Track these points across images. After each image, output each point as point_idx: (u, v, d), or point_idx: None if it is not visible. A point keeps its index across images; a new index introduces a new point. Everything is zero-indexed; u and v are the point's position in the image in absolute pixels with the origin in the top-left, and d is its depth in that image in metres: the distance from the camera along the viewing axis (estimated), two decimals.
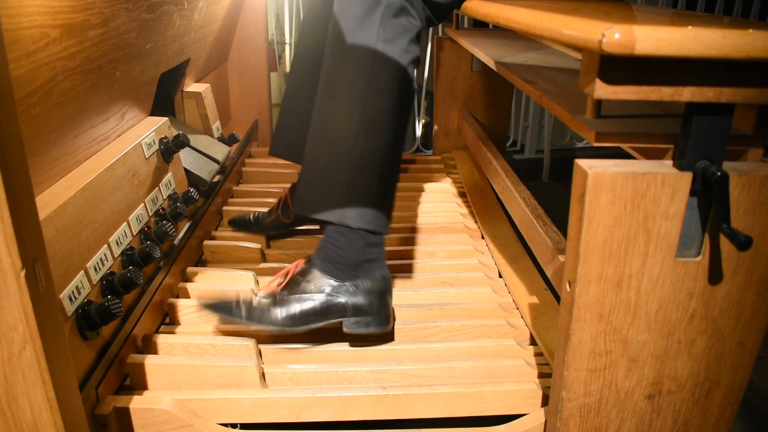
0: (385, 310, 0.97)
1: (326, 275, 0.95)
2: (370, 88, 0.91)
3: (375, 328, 0.97)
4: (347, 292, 0.95)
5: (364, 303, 0.95)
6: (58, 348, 0.57)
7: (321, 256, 0.96)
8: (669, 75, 0.59)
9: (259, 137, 2.12)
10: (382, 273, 0.97)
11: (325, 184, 0.94)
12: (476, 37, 1.60)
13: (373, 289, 0.95)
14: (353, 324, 0.96)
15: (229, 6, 1.76)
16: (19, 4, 0.69)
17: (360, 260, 0.95)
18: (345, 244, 0.94)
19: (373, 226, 0.94)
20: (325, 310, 0.95)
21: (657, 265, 0.66)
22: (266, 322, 0.93)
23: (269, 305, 0.94)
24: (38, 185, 0.82)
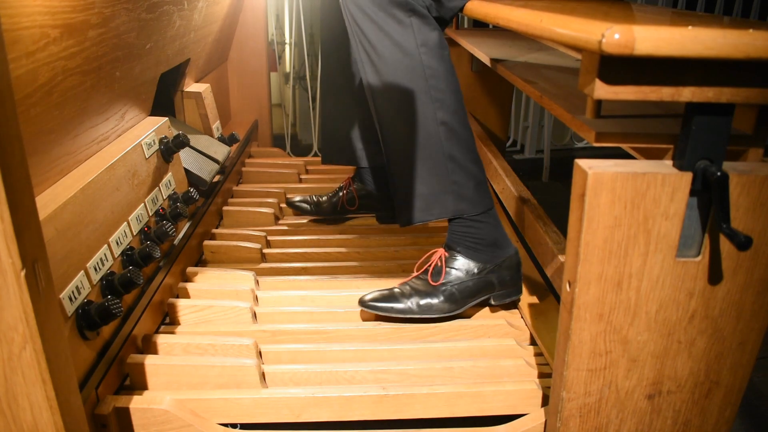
0: (520, 279, 1.12)
1: (471, 260, 1.07)
2: (430, 92, 1.00)
3: (515, 296, 1.12)
4: (492, 272, 1.08)
5: (506, 277, 1.09)
6: (58, 348, 0.57)
7: (461, 244, 1.07)
8: (669, 75, 0.59)
9: (259, 137, 2.12)
10: (514, 248, 1.11)
11: (428, 190, 1.04)
12: (476, 37, 1.60)
13: (511, 264, 1.09)
14: (500, 296, 1.10)
15: (229, 6, 1.76)
16: (19, 4, 0.69)
17: (493, 239, 1.07)
18: (476, 232, 1.06)
19: (484, 205, 1.06)
20: (479, 289, 1.07)
21: (657, 265, 0.66)
22: (436, 312, 1.06)
23: (433, 297, 1.06)
24: (38, 185, 0.82)
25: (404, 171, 1.05)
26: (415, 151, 1.03)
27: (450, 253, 1.08)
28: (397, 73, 1.00)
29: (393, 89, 1.01)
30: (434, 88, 1.00)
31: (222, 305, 1.07)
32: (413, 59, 0.99)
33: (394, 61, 0.99)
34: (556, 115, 0.82)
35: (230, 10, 1.79)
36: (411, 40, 0.98)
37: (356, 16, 1.00)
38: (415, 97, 1.00)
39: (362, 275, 1.27)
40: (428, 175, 1.03)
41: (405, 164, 1.04)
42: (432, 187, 1.04)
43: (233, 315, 1.07)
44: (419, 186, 1.04)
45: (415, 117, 1.01)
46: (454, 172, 1.03)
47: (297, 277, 1.26)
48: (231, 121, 2.05)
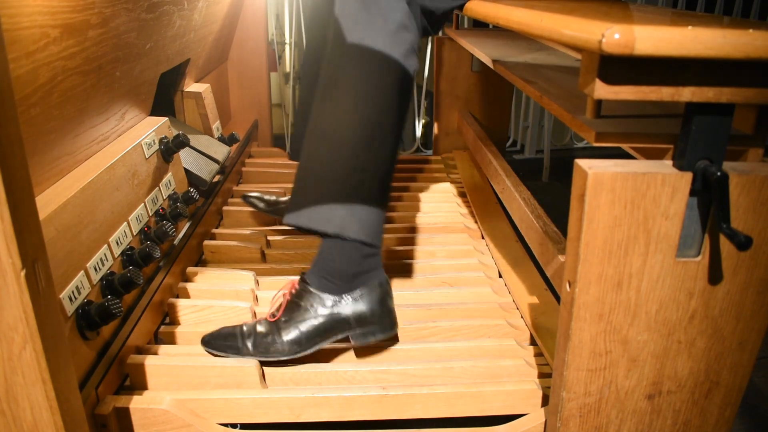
0: (388, 315, 0.96)
1: (323, 292, 0.94)
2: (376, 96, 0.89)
3: (381, 335, 0.96)
4: (347, 305, 0.94)
5: (366, 313, 0.94)
6: (58, 348, 0.57)
7: (315, 272, 0.95)
8: (669, 75, 0.59)
9: (259, 137, 2.12)
10: (379, 279, 0.96)
11: (323, 191, 0.90)
12: (476, 37, 1.60)
13: (373, 298, 0.95)
14: (359, 336, 0.95)
15: (229, 6, 1.76)
16: (19, 4, 0.69)
17: (356, 272, 0.93)
18: (340, 258, 0.92)
19: (371, 238, 0.92)
20: (328, 327, 0.94)
21: (657, 265, 0.66)
22: (274, 354, 0.92)
23: (273, 336, 0.93)
24: (38, 185, 0.82)
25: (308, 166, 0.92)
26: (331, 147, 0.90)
27: (301, 285, 0.95)
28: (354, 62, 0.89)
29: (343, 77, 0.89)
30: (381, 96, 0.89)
31: (222, 305, 1.07)
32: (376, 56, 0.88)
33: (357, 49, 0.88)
34: (556, 115, 0.82)
35: (230, 10, 1.79)
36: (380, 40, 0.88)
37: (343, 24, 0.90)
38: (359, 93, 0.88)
39: None
40: (332, 179, 0.90)
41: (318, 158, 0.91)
42: (331, 193, 0.90)
43: (233, 315, 1.07)
44: (318, 187, 0.91)
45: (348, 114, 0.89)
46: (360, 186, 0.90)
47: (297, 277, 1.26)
48: (231, 121, 2.05)
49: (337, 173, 0.90)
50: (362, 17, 0.89)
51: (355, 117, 0.89)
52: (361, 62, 0.89)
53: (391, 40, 0.89)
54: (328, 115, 0.91)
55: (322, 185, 0.90)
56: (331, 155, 0.90)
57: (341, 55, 0.90)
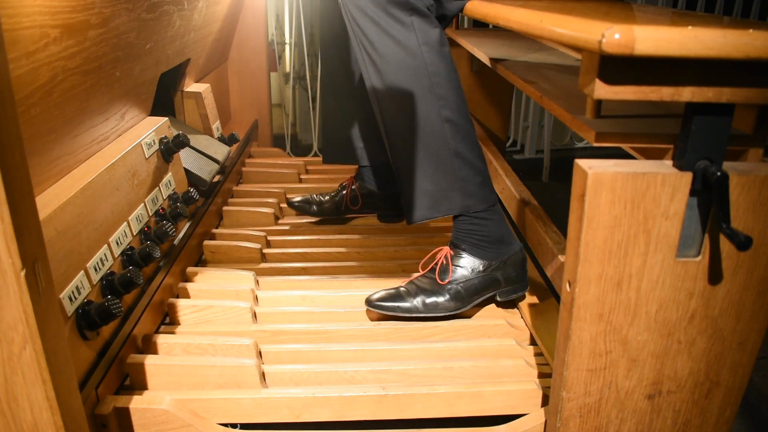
0: (526, 275, 1.12)
1: (477, 258, 1.07)
2: (434, 90, 1.01)
3: (521, 291, 1.12)
4: (498, 268, 1.08)
5: (512, 274, 1.10)
6: (58, 348, 0.57)
7: (467, 241, 1.08)
8: (669, 75, 0.59)
9: (259, 137, 2.12)
10: (519, 245, 1.11)
11: (432, 183, 1.04)
12: (476, 37, 1.60)
13: (516, 261, 1.10)
14: (506, 292, 1.10)
15: (229, 6, 1.76)
16: (19, 4, 0.69)
17: (499, 236, 1.08)
18: (481, 229, 1.07)
19: (490, 200, 1.07)
20: (485, 286, 1.08)
21: (657, 265, 0.66)
22: (441, 311, 1.06)
23: (440, 295, 1.06)
24: (38, 185, 0.82)
25: (410, 169, 1.05)
26: (420, 148, 1.03)
27: (455, 251, 1.08)
28: (399, 72, 1.00)
29: (396, 88, 1.01)
30: (437, 86, 1.00)
31: (222, 305, 1.07)
32: (416, 58, 0.99)
33: (397, 60, 0.99)
34: (556, 115, 0.82)
35: (230, 10, 1.79)
36: (413, 39, 0.98)
37: (357, 17, 0.99)
38: (419, 95, 1.01)
39: (362, 275, 1.27)
40: (435, 172, 1.04)
41: (411, 162, 1.05)
42: (439, 184, 1.04)
43: (233, 315, 1.07)
44: (426, 183, 1.05)
45: (419, 115, 1.01)
46: (460, 168, 1.03)
47: (297, 277, 1.26)
48: (231, 121, 2.05)
49: (436, 162, 1.03)
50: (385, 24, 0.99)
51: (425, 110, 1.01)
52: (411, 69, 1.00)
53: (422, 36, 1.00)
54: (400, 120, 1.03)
55: (429, 181, 1.04)
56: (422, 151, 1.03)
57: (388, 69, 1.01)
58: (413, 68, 0.99)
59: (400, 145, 1.05)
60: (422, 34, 0.99)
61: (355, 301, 1.15)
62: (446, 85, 1.01)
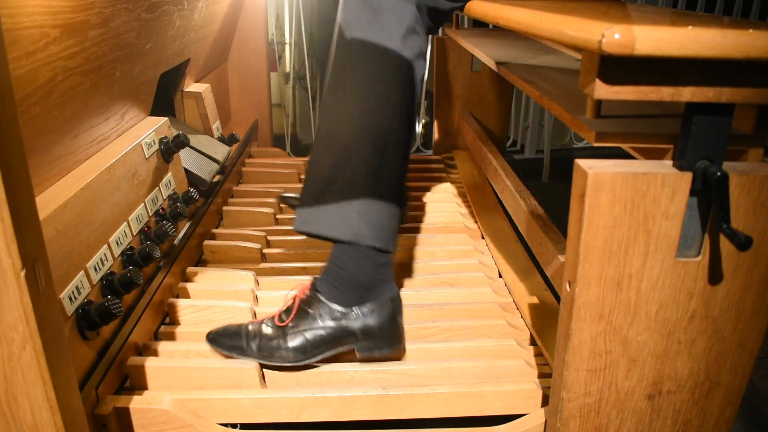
0: (396, 331, 0.95)
1: (333, 302, 0.92)
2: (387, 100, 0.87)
3: (387, 350, 0.95)
4: (356, 318, 0.92)
5: (374, 327, 0.93)
6: (58, 348, 0.57)
7: (327, 280, 0.93)
8: (669, 75, 0.59)
9: (259, 137, 2.12)
10: (391, 294, 0.94)
11: (337, 196, 0.88)
12: (476, 37, 1.60)
13: (383, 313, 0.93)
14: (365, 349, 0.94)
15: (229, 6, 1.76)
16: (19, 4, 0.69)
17: (369, 283, 0.91)
18: (353, 267, 0.90)
19: (386, 245, 0.90)
20: (335, 338, 0.92)
21: (657, 265, 0.66)
22: (278, 360, 0.92)
23: (279, 341, 0.92)
24: (38, 185, 0.82)
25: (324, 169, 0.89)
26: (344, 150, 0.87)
27: (311, 292, 0.93)
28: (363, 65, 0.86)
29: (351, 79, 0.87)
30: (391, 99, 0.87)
31: (222, 305, 1.07)
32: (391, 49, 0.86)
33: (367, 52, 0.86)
34: (556, 115, 0.82)
35: (230, 10, 1.79)
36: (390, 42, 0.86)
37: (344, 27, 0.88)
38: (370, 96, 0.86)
39: None
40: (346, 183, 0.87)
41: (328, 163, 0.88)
42: (345, 198, 0.88)
43: (233, 315, 1.07)
44: (331, 192, 0.88)
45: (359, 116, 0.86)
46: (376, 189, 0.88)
47: (297, 277, 1.26)
48: (231, 121, 2.05)
49: (349, 178, 0.87)
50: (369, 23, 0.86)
51: (365, 120, 0.86)
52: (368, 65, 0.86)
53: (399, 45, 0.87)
54: (338, 118, 0.88)
55: (333, 190, 0.88)
56: (342, 160, 0.87)
57: (348, 59, 0.87)
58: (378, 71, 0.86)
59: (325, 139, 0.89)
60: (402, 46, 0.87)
61: None
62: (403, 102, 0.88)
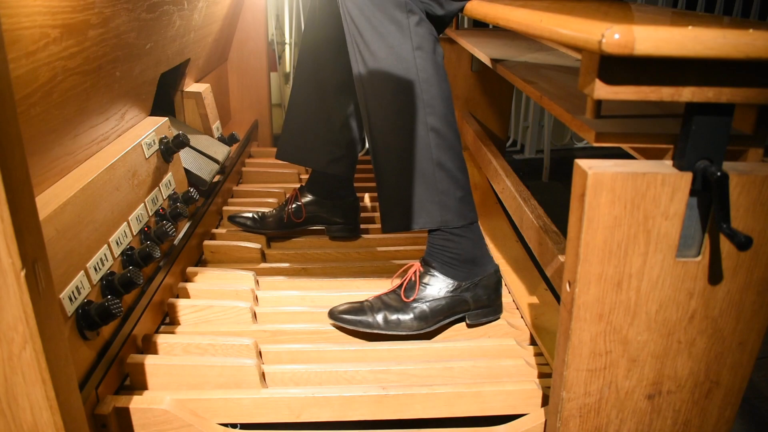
0: (499, 299, 1.08)
1: (447, 277, 1.04)
2: (422, 97, 0.98)
3: (493, 316, 1.08)
4: (468, 290, 1.04)
5: (483, 297, 1.06)
6: (58, 348, 0.57)
7: (437, 259, 1.04)
8: (669, 75, 0.59)
9: (259, 137, 2.12)
10: (494, 267, 1.07)
11: (412, 194, 1.00)
12: (476, 37, 1.60)
13: (489, 284, 1.06)
14: (475, 315, 1.07)
15: (229, 6, 1.76)
16: (19, 4, 0.69)
17: (472, 256, 1.04)
18: (455, 246, 1.03)
19: (470, 217, 1.03)
20: (451, 307, 1.04)
21: (657, 265, 0.66)
22: (403, 330, 1.03)
23: (403, 313, 1.03)
24: (38, 185, 0.82)
25: (390, 176, 1.02)
26: (402, 156, 1.00)
27: (425, 268, 1.05)
28: (390, 76, 0.98)
29: (385, 91, 0.99)
30: (426, 93, 0.98)
31: (222, 305, 1.07)
32: (407, 62, 0.97)
33: (389, 62, 0.97)
34: (556, 115, 0.82)
35: (230, 10, 1.79)
36: (407, 43, 0.97)
37: (354, 16, 0.98)
38: (406, 100, 0.98)
39: (362, 275, 1.27)
40: (415, 182, 1.00)
41: (391, 168, 1.02)
42: (418, 195, 1.00)
43: (233, 315, 1.07)
44: (405, 192, 1.01)
45: (405, 121, 0.99)
46: (441, 180, 1.00)
47: (297, 277, 1.26)
48: (231, 121, 2.05)
49: (418, 174, 0.99)
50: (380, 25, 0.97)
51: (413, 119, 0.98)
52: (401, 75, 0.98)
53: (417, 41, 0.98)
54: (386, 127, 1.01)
55: (408, 191, 1.00)
56: (406, 161, 0.99)
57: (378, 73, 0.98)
58: (403, 72, 0.97)
59: (383, 150, 1.02)
60: (417, 39, 0.97)
61: None
62: (436, 94, 0.99)
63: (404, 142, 0.99)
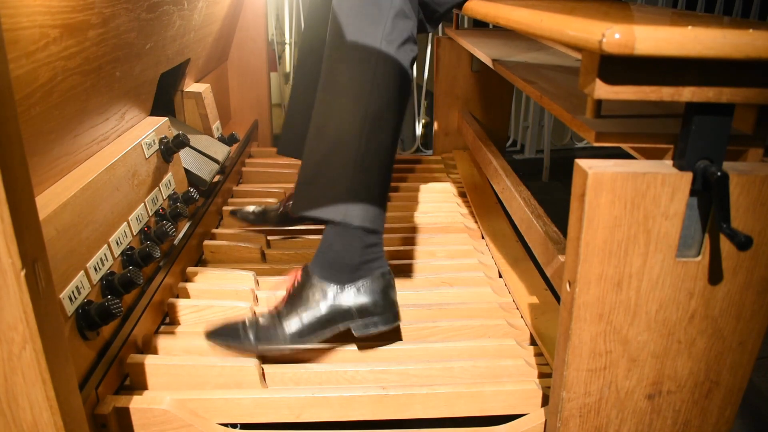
0: (390, 306, 0.97)
1: (326, 281, 0.94)
2: (373, 87, 0.90)
3: (383, 326, 0.96)
4: (350, 296, 0.94)
5: (368, 303, 0.94)
6: (58, 348, 0.57)
7: (319, 262, 0.95)
8: (669, 75, 0.59)
9: (259, 137, 2.12)
10: (382, 270, 0.96)
11: (327, 182, 0.93)
12: (476, 37, 1.60)
13: (375, 288, 0.95)
14: (361, 326, 0.96)
15: (229, 6, 1.76)
16: (19, 4, 0.69)
17: (359, 262, 0.94)
18: (343, 247, 0.93)
19: (374, 225, 0.94)
20: (330, 317, 0.94)
21: (657, 265, 0.66)
22: (275, 342, 0.92)
23: (275, 326, 0.93)
24: (38, 185, 0.82)
25: (314, 158, 0.94)
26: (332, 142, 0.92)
27: (303, 276, 0.96)
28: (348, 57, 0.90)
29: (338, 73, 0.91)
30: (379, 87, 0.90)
31: (222, 305, 1.07)
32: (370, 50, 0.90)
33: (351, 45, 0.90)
34: (556, 115, 0.82)
35: (230, 10, 1.79)
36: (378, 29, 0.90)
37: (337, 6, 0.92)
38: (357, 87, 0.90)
39: None
40: (335, 173, 0.92)
41: (317, 153, 0.94)
42: (333, 186, 0.92)
43: (233, 315, 1.07)
44: (322, 178, 0.93)
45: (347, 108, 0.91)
46: (359, 179, 0.92)
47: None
48: (231, 121, 2.05)
49: (339, 165, 0.91)
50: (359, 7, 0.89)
51: (355, 110, 0.90)
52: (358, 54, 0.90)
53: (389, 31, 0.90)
54: (329, 108, 0.92)
55: (325, 177, 0.92)
56: (333, 148, 0.91)
57: (338, 47, 0.91)
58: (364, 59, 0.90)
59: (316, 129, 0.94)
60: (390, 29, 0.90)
61: None
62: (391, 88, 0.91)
63: (339, 129, 0.91)
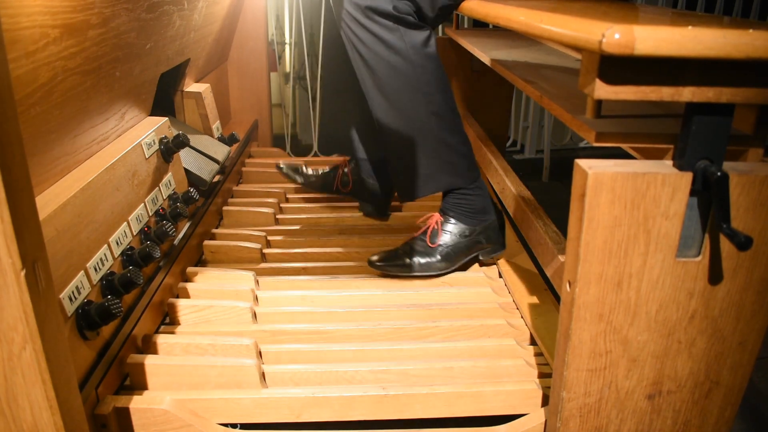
0: (503, 238, 1.29)
1: (463, 224, 1.24)
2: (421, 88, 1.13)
3: (501, 251, 1.28)
4: (480, 233, 1.24)
5: (492, 237, 1.26)
6: (58, 348, 0.57)
7: (455, 211, 1.24)
8: (669, 75, 0.59)
9: (259, 137, 2.12)
10: (496, 210, 1.27)
11: (424, 171, 1.20)
12: (476, 37, 1.60)
13: (495, 226, 1.26)
14: (487, 252, 1.27)
15: (229, 6, 1.76)
16: (19, 4, 0.69)
17: (481, 206, 1.24)
18: (466, 202, 1.23)
19: (473, 178, 1.22)
20: (469, 247, 1.24)
21: (657, 265, 0.66)
22: (433, 270, 1.22)
23: (431, 257, 1.22)
24: (38, 185, 0.82)
25: (403, 157, 1.20)
26: (411, 139, 1.16)
27: (445, 218, 1.24)
28: (389, 72, 1.12)
29: (387, 87, 1.13)
30: (424, 84, 1.13)
31: (222, 305, 1.07)
32: (404, 59, 1.11)
33: (387, 61, 1.11)
34: (556, 115, 0.82)
35: (230, 10, 1.79)
36: (401, 42, 1.10)
37: (349, 24, 1.10)
38: (407, 93, 1.13)
39: (362, 275, 1.27)
40: (424, 158, 1.18)
41: (403, 152, 1.19)
42: (428, 168, 1.19)
43: (233, 315, 1.07)
44: (416, 168, 1.20)
45: (408, 111, 1.14)
46: (446, 153, 1.18)
47: (297, 277, 1.26)
48: (231, 121, 2.05)
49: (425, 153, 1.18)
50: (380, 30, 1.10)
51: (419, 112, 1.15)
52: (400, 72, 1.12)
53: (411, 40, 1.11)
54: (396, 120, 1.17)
55: (419, 165, 1.19)
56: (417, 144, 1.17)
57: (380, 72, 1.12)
58: (402, 68, 1.11)
59: (393, 137, 1.18)
60: (409, 37, 1.10)
61: (355, 301, 1.15)
62: (432, 82, 1.13)
63: (410, 128, 1.16)
